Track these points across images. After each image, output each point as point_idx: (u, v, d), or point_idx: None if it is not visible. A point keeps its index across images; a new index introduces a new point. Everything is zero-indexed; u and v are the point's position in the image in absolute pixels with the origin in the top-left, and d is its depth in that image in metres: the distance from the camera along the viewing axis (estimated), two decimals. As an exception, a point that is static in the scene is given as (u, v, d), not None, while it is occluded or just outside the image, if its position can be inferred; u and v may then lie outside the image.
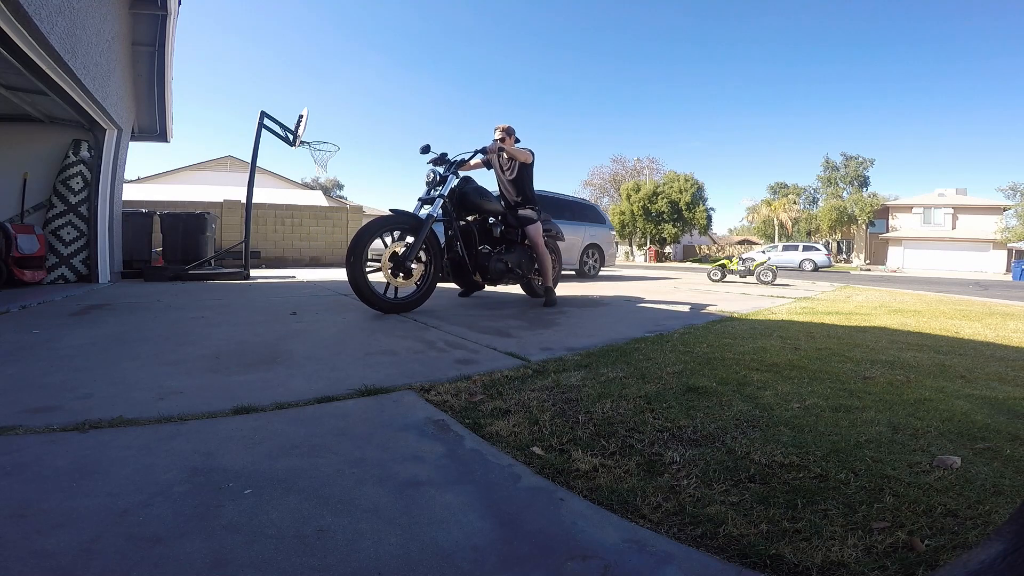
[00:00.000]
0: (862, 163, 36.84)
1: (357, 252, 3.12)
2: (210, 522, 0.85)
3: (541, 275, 4.12)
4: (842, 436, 1.28)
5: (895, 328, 3.27)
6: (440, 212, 3.58)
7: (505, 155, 4.00)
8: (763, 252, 14.04)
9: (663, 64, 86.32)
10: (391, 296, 3.41)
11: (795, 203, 37.71)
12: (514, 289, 5.26)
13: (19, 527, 0.82)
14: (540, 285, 4.18)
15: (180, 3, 6.44)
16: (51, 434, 1.22)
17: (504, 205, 4.12)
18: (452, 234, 3.75)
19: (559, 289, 4.88)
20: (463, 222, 3.89)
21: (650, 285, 7.07)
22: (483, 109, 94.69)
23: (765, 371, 1.95)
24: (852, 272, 23.80)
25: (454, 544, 0.81)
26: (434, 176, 3.66)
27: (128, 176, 10.59)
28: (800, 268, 23.62)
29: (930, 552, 0.80)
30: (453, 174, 3.68)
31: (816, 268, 23.74)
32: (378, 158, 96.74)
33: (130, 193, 9.12)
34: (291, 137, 7.42)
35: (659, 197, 36.22)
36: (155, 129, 7.71)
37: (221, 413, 1.38)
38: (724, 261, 8.75)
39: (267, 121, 7.04)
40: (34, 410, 1.38)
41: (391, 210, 3.40)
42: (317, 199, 20.25)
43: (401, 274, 3.35)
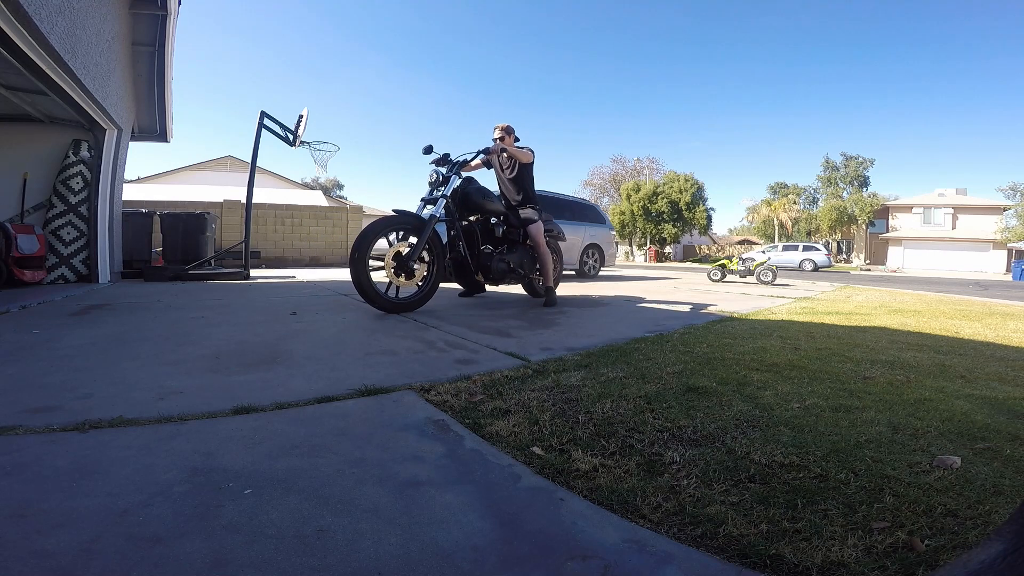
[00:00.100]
0: (862, 163, 36.84)
1: (361, 252, 3.12)
2: (210, 522, 0.85)
3: (542, 274, 4.12)
4: (842, 436, 1.28)
5: (895, 328, 3.27)
6: (443, 212, 3.59)
7: (506, 155, 4.01)
8: (763, 252, 14.05)
9: (663, 64, 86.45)
10: (393, 296, 3.41)
11: (795, 203, 37.71)
12: (514, 289, 5.26)
13: (19, 527, 0.82)
14: (541, 285, 4.18)
15: (180, 3, 6.45)
16: (51, 434, 1.22)
17: (504, 204, 4.12)
18: (455, 234, 3.76)
19: (559, 289, 4.88)
20: (466, 222, 3.89)
21: (650, 285, 7.07)
22: (483, 109, 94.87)
23: (765, 371, 1.95)
24: (852, 272, 23.80)
25: (454, 544, 0.81)
26: (437, 177, 3.67)
27: (128, 176, 10.60)
28: (800, 268, 23.62)
29: (930, 552, 0.80)
30: (456, 174, 3.70)
31: (816, 268, 23.74)
32: (378, 158, 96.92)
33: (130, 193, 9.12)
34: (291, 137, 7.43)
35: (659, 197, 36.22)
36: (155, 129, 7.71)
37: (221, 413, 1.38)
38: (724, 261, 8.75)
39: (267, 121, 7.04)
40: (34, 410, 1.38)
41: (394, 210, 3.41)
42: (317, 199, 20.25)
43: (404, 274, 3.36)
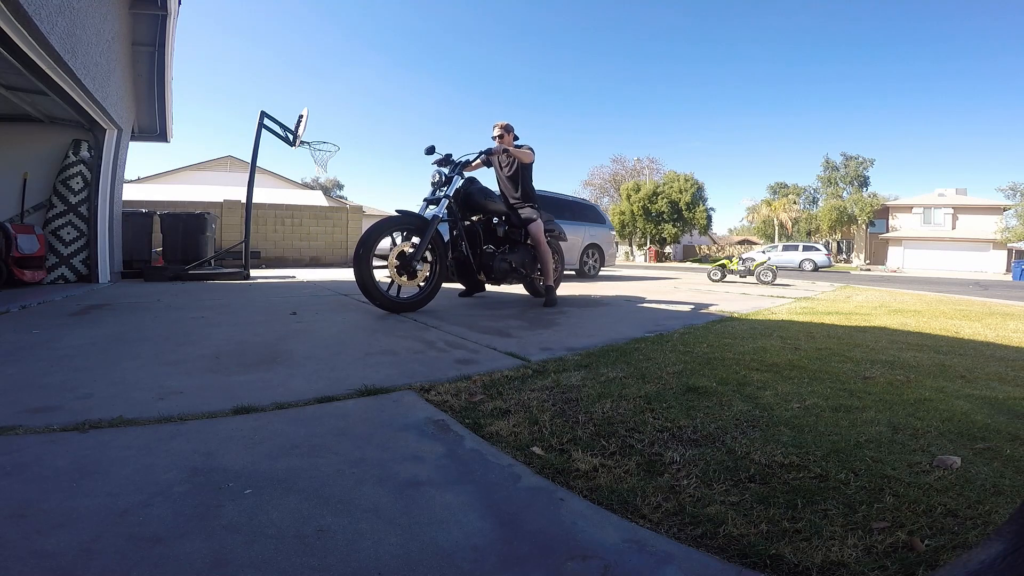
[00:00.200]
0: (862, 163, 36.82)
1: (365, 252, 3.15)
2: (210, 522, 0.85)
3: (542, 273, 4.13)
4: (842, 436, 1.28)
5: (895, 328, 3.27)
6: (445, 212, 3.62)
7: (506, 155, 4.03)
8: (763, 252, 14.05)
9: (663, 64, 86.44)
10: (395, 295, 3.43)
11: (795, 203, 37.70)
12: (513, 289, 5.26)
13: (19, 527, 0.82)
14: (542, 284, 4.19)
15: (180, 3, 6.45)
16: (51, 434, 1.22)
17: (503, 202, 4.14)
18: (457, 234, 3.79)
19: (559, 289, 4.88)
20: (468, 222, 3.92)
21: (650, 285, 7.07)
22: (483, 109, 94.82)
23: (765, 371, 1.95)
24: (852, 272, 23.80)
25: (454, 544, 0.81)
26: (439, 177, 3.70)
27: (128, 176, 10.59)
28: (800, 268, 23.61)
29: (930, 552, 0.80)
30: (458, 175, 3.73)
31: (816, 268, 23.73)
32: (378, 158, 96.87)
33: (130, 193, 9.12)
34: (291, 137, 7.43)
35: (659, 197, 36.21)
36: (155, 129, 7.71)
37: (221, 413, 1.38)
38: (724, 261, 8.75)
39: (267, 121, 7.04)
40: (34, 410, 1.38)
41: (397, 211, 3.45)
42: (317, 199, 20.26)
43: (406, 274, 3.39)
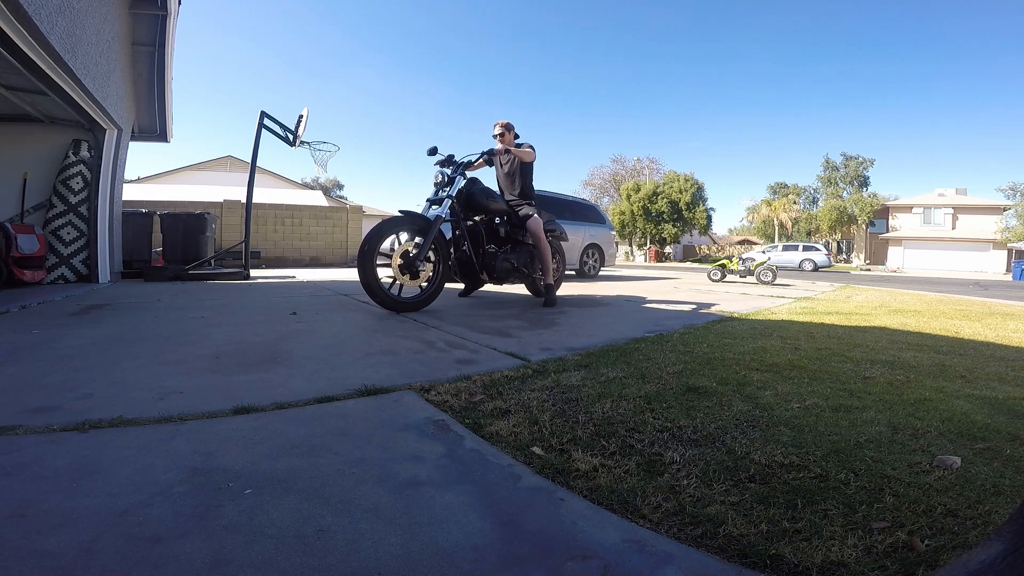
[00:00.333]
0: (862, 163, 36.81)
1: (369, 252, 3.17)
2: (210, 522, 0.85)
3: (542, 270, 4.15)
4: (842, 436, 1.28)
5: (895, 328, 3.27)
6: (448, 213, 3.65)
7: (509, 153, 4.05)
8: (763, 252, 14.05)
9: (663, 64, 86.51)
10: (397, 295, 3.45)
11: (795, 203, 37.69)
12: (513, 289, 5.26)
13: (19, 527, 0.82)
14: (542, 283, 4.20)
15: (180, 3, 6.44)
16: (51, 434, 1.21)
17: (504, 202, 4.15)
18: (459, 234, 3.82)
19: (560, 289, 4.88)
20: (470, 222, 3.95)
21: (650, 285, 7.07)
22: (483, 109, 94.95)
23: (765, 371, 1.95)
24: (852, 272, 23.80)
25: (454, 544, 0.81)
26: (442, 178, 3.74)
27: (128, 176, 10.59)
28: (800, 268, 23.61)
29: (930, 552, 0.80)
30: (461, 175, 3.76)
31: (816, 268, 23.73)
32: (378, 158, 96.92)
33: (130, 193, 9.12)
34: (291, 137, 7.43)
35: (659, 197, 36.20)
36: (155, 129, 7.71)
37: (221, 413, 1.38)
38: (724, 261, 8.74)
39: (267, 121, 7.04)
40: (34, 410, 1.38)
41: (400, 211, 3.49)
42: (317, 199, 20.27)
43: (409, 274, 3.42)
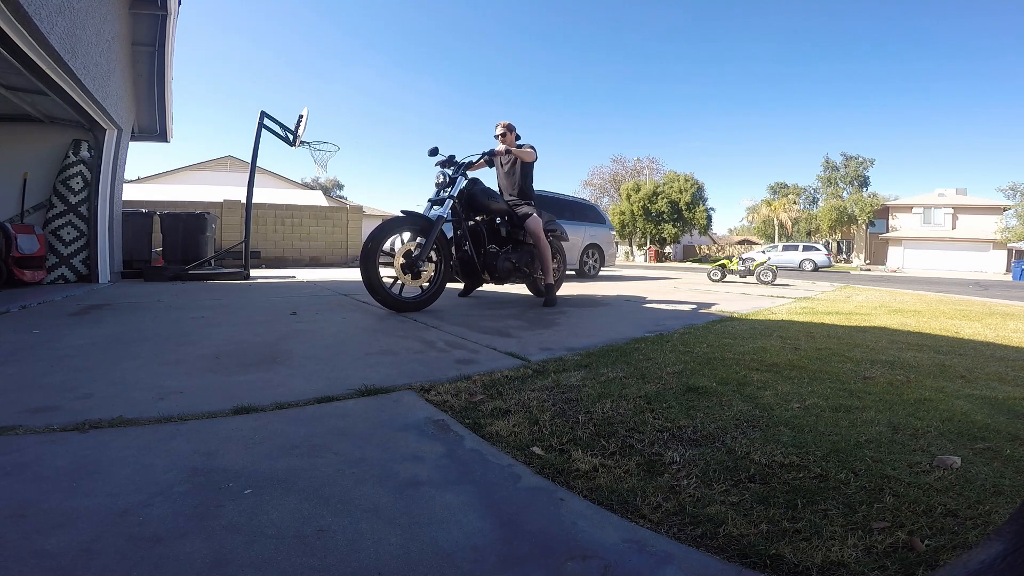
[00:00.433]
0: (862, 163, 36.79)
1: (372, 252, 3.19)
2: (210, 522, 0.85)
3: (542, 270, 4.15)
4: (842, 436, 1.28)
5: (895, 328, 3.27)
6: (449, 213, 3.66)
7: (509, 153, 4.06)
8: (763, 252, 14.05)
9: (663, 64, 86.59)
10: (397, 293, 3.45)
11: (795, 203, 37.69)
12: (513, 289, 5.27)
13: (19, 527, 0.82)
14: (542, 282, 4.20)
15: (180, 3, 6.44)
16: (51, 434, 1.21)
17: (503, 200, 4.16)
18: (461, 234, 3.84)
19: (560, 289, 4.88)
20: (472, 222, 3.96)
21: (650, 285, 7.07)
22: (483, 109, 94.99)
23: (765, 371, 1.95)
24: (852, 272, 23.79)
25: (454, 544, 0.81)
26: (443, 178, 3.75)
27: (128, 176, 10.59)
28: (800, 268, 23.61)
29: (930, 552, 0.80)
30: (462, 175, 3.78)
31: (816, 268, 23.73)
32: (378, 158, 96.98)
33: (130, 193, 9.12)
34: (291, 137, 7.43)
35: (659, 197, 36.20)
36: (155, 129, 7.71)
37: (221, 413, 1.38)
38: (724, 261, 8.74)
39: (267, 121, 7.04)
40: (34, 410, 1.38)
41: (402, 211, 3.51)
42: (317, 199, 20.27)
43: (411, 273, 3.44)
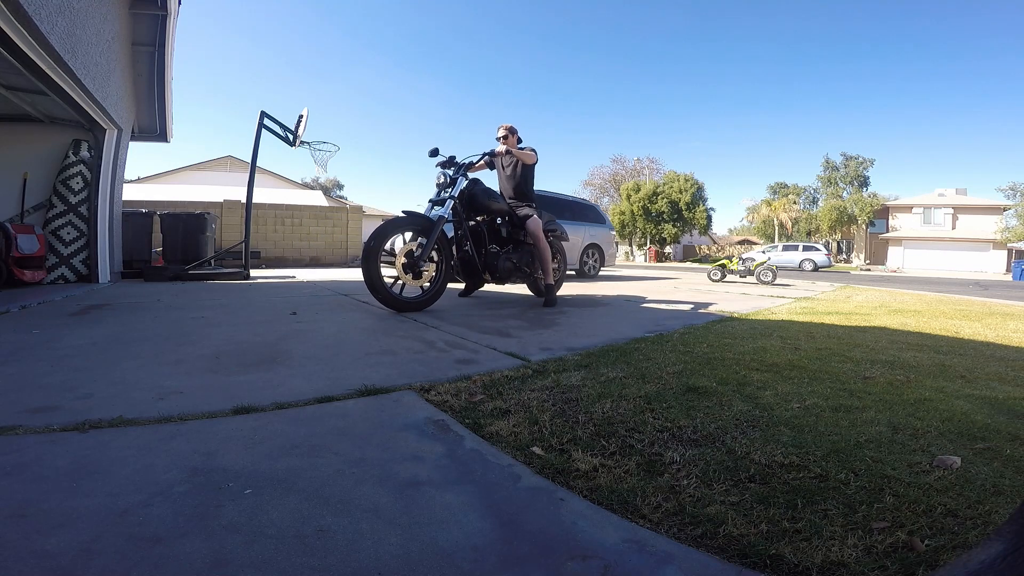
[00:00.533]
0: (862, 163, 36.79)
1: (373, 253, 3.20)
2: (210, 522, 0.85)
3: (542, 270, 4.16)
4: (842, 436, 1.28)
5: (895, 328, 3.27)
6: (450, 213, 3.67)
7: (509, 155, 4.07)
8: (763, 252, 14.04)
9: (663, 64, 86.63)
10: (397, 293, 3.46)
11: (795, 203, 37.69)
12: (513, 289, 5.27)
13: (19, 527, 0.82)
14: (542, 282, 4.20)
15: (180, 3, 6.45)
16: (51, 434, 1.21)
17: (504, 200, 4.17)
18: (462, 234, 3.86)
19: (560, 290, 4.88)
20: (472, 222, 3.97)
21: (650, 285, 7.07)
22: (483, 109, 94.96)
23: (765, 371, 1.95)
24: (852, 272, 23.79)
25: (454, 544, 0.81)
26: (444, 179, 3.77)
27: (128, 176, 10.59)
28: (800, 268, 23.61)
29: (930, 552, 0.80)
30: (463, 176, 3.79)
31: (816, 268, 23.73)
32: (378, 158, 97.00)
33: (130, 193, 9.12)
34: (291, 137, 7.43)
35: (659, 197, 36.20)
36: (155, 129, 7.71)
37: (221, 413, 1.38)
38: (724, 261, 8.74)
39: (267, 121, 7.04)
40: (34, 410, 1.38)
41: (403, 211, 3.53)
42: (317, 199, 20.27)
43: (411, 273, 3.45)
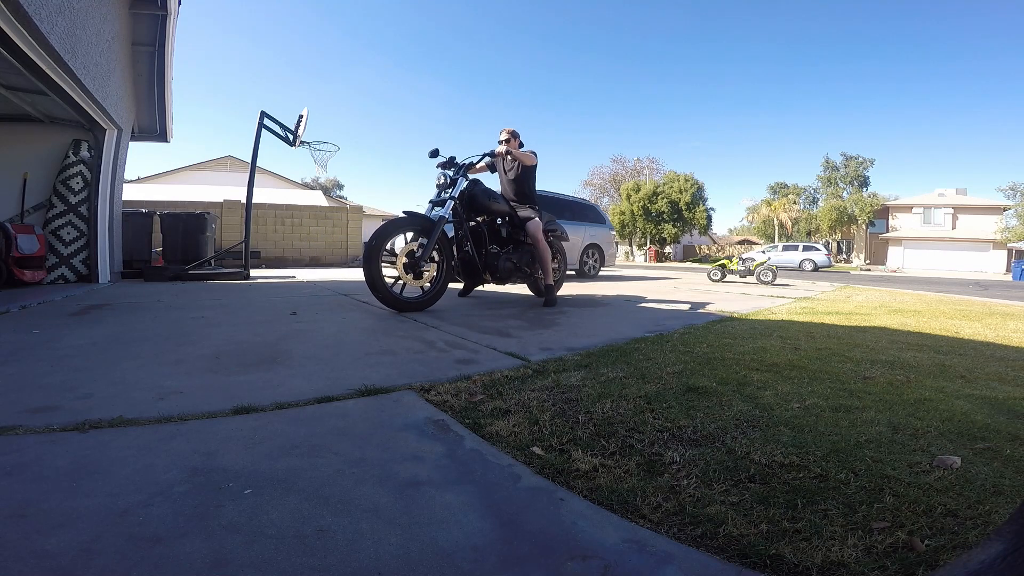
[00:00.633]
0: (862, 163, 36.79)
1: (375, 252, 3.22)
2: (210, 522, 0.85)
3: (542, 270, 4.16)
4: (842, 436, 1.28)
5: (895, 328, 3.27)
6: (450, 214, 3.68)
7: (510, 157, 4.09)
8: (763, 252, 14.04)
9: (664, 64, 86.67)
10: (398, 293, 3.47)
11: (795, 203, 37.69)
12: (513, 289, 5.27)
13: (19, 527, 0.82)
14: (542, 282, 4.21)
15: (180, 3, 6.45)
16: (51, 434, 1.21)
17: (506, 203, 4.17)
18: (462, 234, 3.87)
19: (560, 290, 4.88)
20: (473, 223, 3.98)
21: (650, 285, 7.07)
22: (483, 109, 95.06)
23: (765, 371, 1.95)
24: (852, 272, 23.79)
25: (454, 544, 0.81)
26: (444, 179, 3.78)
27: (128, 176, 10.59)
28: (800, 268, 23.61)
29: (930, 552, 0.80)
30: (463, 176, 3.80)
31: (816, 268, 23.73)
32: (378, 158, 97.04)
33: (130, 193, 9.12)
34: (291, 137, 7.43)
35: (659, 197, 36.21)
36: (155, 129, 7.71)
37: (221, 413, 1.38)
38: (724, 261, 8.74)
39: (267, 121, 7.04)
40: (34, 410, 1.38)
41: (404, 212, 3.54)
42: (317, 199, 20.28)
43: (412, 273, 3.46)
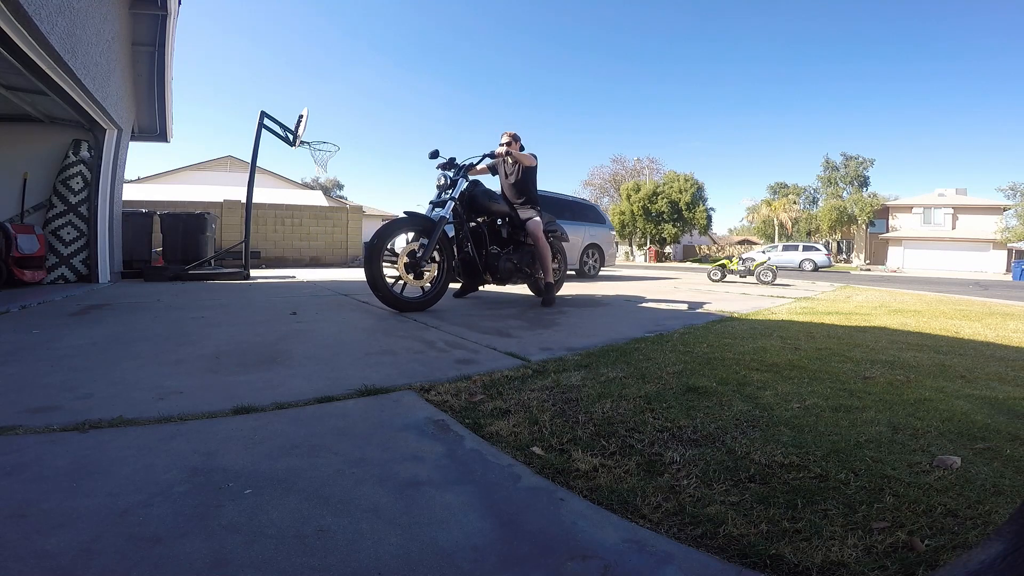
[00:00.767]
0: (862, 163, 36.79)
1: (376, 252, 3.23)
2: (210, 522, 0.85)
3: (542, 270, 4.17)
4: (842, 436, 1.28)
5: (895, 328, 3.27)
6: (451, 214, 3.69)
7: (510, 159, 4.11)
8: (763, 252, 14.04)
9: (664, 64, 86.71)
10: (399, 293, 3.47)
11: (795, 203, 37.69)
12: (513, 289, 5.27)
13: (19, 527, 0.82)
14: (542, 281, 4.21)
15: (180, 3, 6.45)
16: (51, 434, 1.21)
17: (506, 204, 4.18)
18: (463, 235, 3.88)
19: (560, 290, 4.88)
20: (473, 223, 3.99)
21: (650, 285, 7.07)
22: (483, 109, 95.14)
23: (765, 371, 1.95)
24: (852, 272, 23.79)
25: (454, 544, 0.81)
26: (445, 180, 3.79)
27: (128, 176, 10.59)
28: (800, 268, 23.61)
29: (930, 552, 0.80)
30: (463, 177, 3.81)
31: (816, 268, 23.72)
32: (378, 158, 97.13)
33: (130, 193, 9.12)
34: (291, 137, 7.43)
35: (659, 197, 36.22)
36: (155, 129, 7.71)
37: (221, 413, 1.38)
38: (724, 261, 8.74)
39: (267, 121, 7.04)
40: (34, 410, 1.38)
41: (405, 212, 3.56)
42: (317, 199, 20.28)
43: (413, 273, 3.47)
